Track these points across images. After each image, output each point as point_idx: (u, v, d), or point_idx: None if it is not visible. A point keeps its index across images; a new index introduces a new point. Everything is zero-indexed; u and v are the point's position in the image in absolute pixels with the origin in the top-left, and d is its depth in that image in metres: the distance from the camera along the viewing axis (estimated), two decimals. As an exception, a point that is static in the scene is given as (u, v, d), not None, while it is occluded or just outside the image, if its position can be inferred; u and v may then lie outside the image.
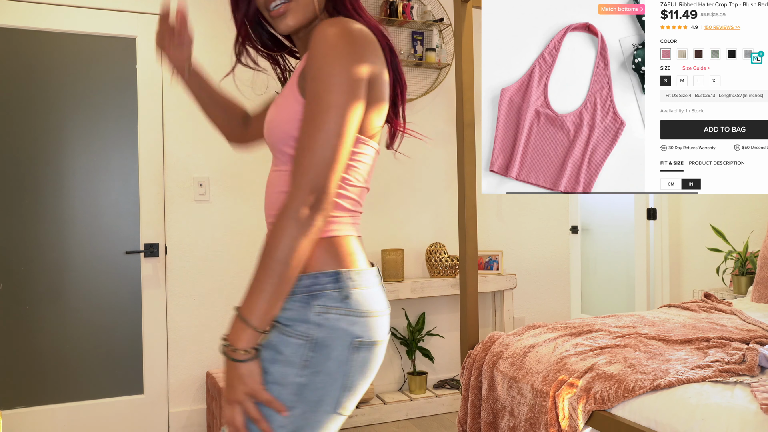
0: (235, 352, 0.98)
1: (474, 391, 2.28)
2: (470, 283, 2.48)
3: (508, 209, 3.98)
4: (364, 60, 1.02)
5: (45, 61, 2.98)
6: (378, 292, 1.11)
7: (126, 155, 3.11)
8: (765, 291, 3.01)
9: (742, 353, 1.87)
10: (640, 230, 4.56)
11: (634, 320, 2.48)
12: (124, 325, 3.10)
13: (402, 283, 3.43)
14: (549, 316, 4.09)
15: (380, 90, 1.09)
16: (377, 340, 1.08)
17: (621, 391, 1.77)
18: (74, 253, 3.02)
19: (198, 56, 3.22)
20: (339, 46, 1.00)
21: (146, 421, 3.13)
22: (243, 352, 0.98)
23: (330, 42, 1.00)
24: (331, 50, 0.99)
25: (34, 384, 2.96)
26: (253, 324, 0.98)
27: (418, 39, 3.70)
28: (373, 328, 1.07)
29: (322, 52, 0.99)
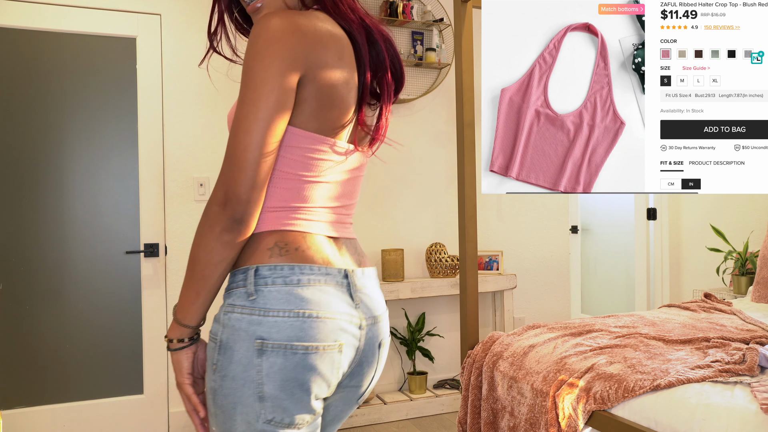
0: (168, 342, 1.04)
1: (474, 391, 2.28)
2: (470, 283, 2.48)
3: (508, 209, 3.98)
4: (295, 57, 0.96)
5: (45, 61, 2.98)
6: (309, 291, 0.98)
7: (126, 155, 3.11)
8: (765, 291, 3.01)
9: (742, 353, 1.87)
10: (640, 230, 4.56)
11: (634, 320, 2.48)
12: (124, 325, 3.10)
13: (402, 283, 3.43)
14: (549, 316, 4.09)
15: (331, 88, 1.01)
16: (291, 345, 0.95)
17: (621, 391, 1.77)
18: (74, 253, 3.02)
19: (200, 57, 3.22)
20: (265, 44, 0.95)
21: (146, 421, 3.13)
22: (168, 342, 1.03)
23: (257, 39, 0.95)
24: (255, 48, 0.95)
25: (34, 384, 2.96)
26: (177, 316, 1.02)
27: (418, 39, 3.71)
28: (285, 330, 0.95)
29: (248, 50, 0.95)
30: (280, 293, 0.97)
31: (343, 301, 1.01)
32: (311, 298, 0.98)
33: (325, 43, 1.00)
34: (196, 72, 3.22)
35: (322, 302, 0.98)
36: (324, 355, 0.98)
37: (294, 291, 0.97)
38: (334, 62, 1.01)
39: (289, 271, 0.98)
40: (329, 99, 1.01)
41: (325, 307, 0.98)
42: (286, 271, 0.98)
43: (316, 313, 0.97)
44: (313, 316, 0.97)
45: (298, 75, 0.97)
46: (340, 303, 1.01)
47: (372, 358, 1.09)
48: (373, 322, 1.07)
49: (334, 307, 0.99)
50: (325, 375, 0.99)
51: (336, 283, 1.01)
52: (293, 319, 0.96)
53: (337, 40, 1.03)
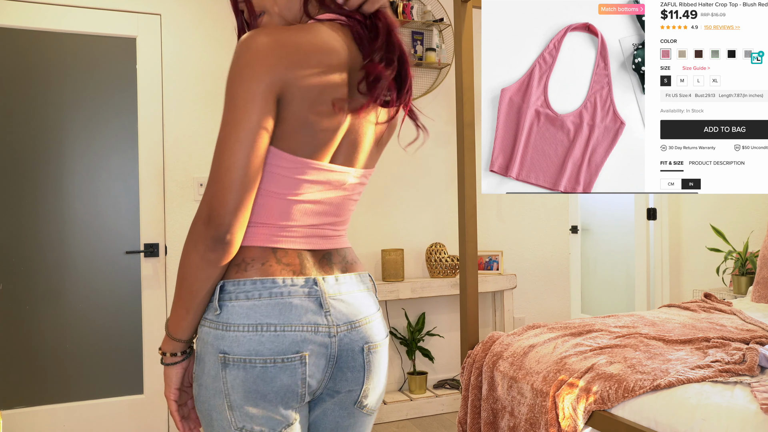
0: (161, 355, 1.08)
1: (474, 391, 2.28)
2: (470, 283, 2.48)
3: (508, 209, 3.98)
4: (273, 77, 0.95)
5: (45, 61, 2.98)
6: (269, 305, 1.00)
7: (126, 155, 3.11)
8: (765, 291, 3.01)
9: (742, 353, 1.87)
10: (640, 230, 4.56)
11: (634, 320, 2.48)
12: (124, 325, 3.10)
13: (402, 283, 3.43)
14: (549, 316, 4.09)
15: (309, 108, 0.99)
16: (249, 359, 0.98)
17: (621, 391, 1.77)
18: (74, 253, 3.02)
19: (200, 57, 3.22)
20: (245, 64, 0.95)
21: (146, 421, 3.13)
22: (162, 355, 1.07)
23: (237, 59, 0.96)
24: (235, 68, 0.95)
25: (34, 384, 2.96)
26: (168, 330, 1.05)
27: (418, 39, 3.71)
28: (244, 344, 0.98)
29: (229, 70, 0.97)
30: (242, 308, 1.00)
31: (309, 311, 1.02)
32: (271, 312, 1.00)
33: (308, 61, 0.98)
34: (196, 72, 3.22)
35: (282, 315, 1.00)
36: (285, 367, 1.00)
37: (255, 305, 1.00)
38: (314, 83, 0.99)
39: (251, 286, 1.01)
40: (304, 121, 1.00)
41: (286, 320, 1.00)
42: (248, 287, 1.01)
43: (275, 326, 0.99)
44: (272, 330, 0.99)
45: (276, 95, 0.97)
46: (306, 313, 1.02)
47: (354, 363, 1.08)
48: (350, 328, 1.07)
49: (296, 319, 1.01)
50: (290, 386, 1.01)
51: (302, 293, 1.03)
52: (252, 333, 0.99)
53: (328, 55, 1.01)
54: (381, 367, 1.14)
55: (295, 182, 1.03)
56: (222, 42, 3.26)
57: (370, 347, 1.10)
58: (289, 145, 1.00)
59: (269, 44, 0.96)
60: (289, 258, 1.04)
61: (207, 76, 3.24)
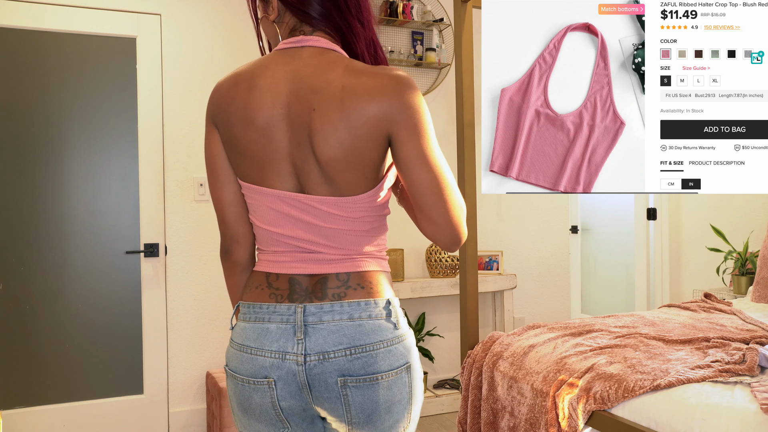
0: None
1: (474, 391, 2.28)
2: (470, 283, 2.48)
3: (508, 209, 3.98)
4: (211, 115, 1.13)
5: (45, 61, 2.98)
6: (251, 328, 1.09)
7: (126, 155, 3.11)
8: (765, 291, 3.01)
9: (742, 353, 1.87)
10: (640, 230, 4.56)
11: (634, 320, 2.48)
12: (124, 325, 3.10)
13: (402, 283, 3.43)
14: (549, 316, 4.09)
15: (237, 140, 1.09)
16: (235, 375, 1.10)
17: (621, 391, 1.77)
18: (74, 253, 3.02)
19: (200, 57, 3.22)
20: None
21: (146, 421, 3.13)
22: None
23: None
24: None
25: (34, 384, 2.96)
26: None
27: (418, 39, 3.71)
28: (233, 360, 1.11)
29: None
30: (238, 328, 1.12)
31: (282, 338, 1.06)
32: (251, 335, 1.09)
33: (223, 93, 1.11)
34: (196, 72, 3.22)
35: (258, 340, 1.08)
36: (256, 388, 1.08)
37: (245, 327, 1.10)
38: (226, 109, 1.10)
39: (245, 308, 1.12)
40: (234, 147, 1.10)
41: (260, 344, 1.07)
42: (244, 309, 1.12)
43: (251, 349, 1.08)
44: (248, 352, 1.08)
45: (214, 127, 1.13)
46: (278, 340, 1.06)
47: (329, 394, 1.05)
48: (322, 359, 1.04)
49: (267, 344, 1.07)
50: (263, 405, 1.09)
51: (281, 320, 1.07)
52: (238, 352, 1.10)
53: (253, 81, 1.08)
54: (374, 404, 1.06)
55: (265, 212, 1.11)
56: (222, 42, 3.26)
57: (347, 380, 1.04)
58: (239, 172, 1.12)
59: (216, 87, 1.14)
60: (279, 282, 1.10)
61: (207, 76, 3.24)
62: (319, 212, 1.08)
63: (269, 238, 1.11)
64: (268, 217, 1.10)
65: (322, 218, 1.08)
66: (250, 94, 1.07)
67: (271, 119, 1.06)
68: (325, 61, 1.07)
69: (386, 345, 1.06)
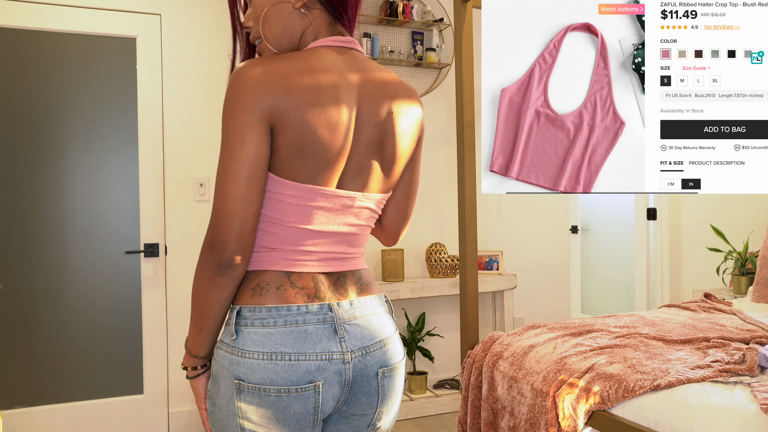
0: (184, 370, 1.14)
1: (474, 391, 2.28)
2: (470, 283, 2.48)
3: (508, 209, 3.98)
4: (262, 108, 0.97)
5: (45, 61, 2.98)
6: (284, 333, 1.00)
7: (126, 155, 3.11)
8: (765, 291, 3.01)
9: (742, 353, 1.87)
10: (640, 230, 4.56)
11: (634, 320, 2.48)
12: (124, 325, 3.10)
13: (402, 283, 3.43)
14: (549, 316, 4.09)
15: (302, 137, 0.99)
16: (264, 387, 0.99)
17: (621, 391, 1.77)
18: (74, 253, 3.02)
19: (200, 57, 3.22)
20: (236, 96, 0.98)
21: (146, 421, 3.13)
22: (184, 369, 1.11)
23: (229, 91, 0.99)
24: (228, 100, 0.99)
25: (34, 384, 2.96)
26: (188, 347, 1.10)
27: (418, 39, 3.71)
28: (259, 372, 0.99)
29: (224, 102, 1.00)
30: (257, 335, 1.00)
31: (324, 338, 1.02)
32: (286, 340, 1.00)
33: (296, 90, 0.98)
34: (196, 72, 3.22)
35: (297, 344, 1.00)
36: (299, 396, 1.00)
37: (270, 333, 1.00)
38: (304, 109, 0.99)
39: (266, 313, 1.01)
40: (300, 147, 1.00)
41: (301, 349, 1.00)
42: (263, 313, 1.01)
43: (290, 355, 1.00)
44: (286, 359, 0.99)
45: (268, 124, 0.98)
46: (321, 341, 1.02)
47: (369, 387, 1.08)
48: (364, 353, 1.06)
49: (310, 347, 1.01)
50: (302, 413, 1.01)
51: (317, 320, 1.03)
52: (267, 361, 0.99)
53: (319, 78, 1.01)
54: (396, 390, 1.14)
55: (301, 209, 1.03)
56: (222, 42, 3.26)
57: (385, 371, 1.09)
58: (289, 173, 1.01)
59: (257, 75, 0.97)
60: (303, 281, 1.05)
61: (207, 76, 3.24)
62: (361, 210, 1.12)
63: (301, 236, 1.04)
64: (313, 216, 1.04)
65: (360, 216, 1.12)
66: (333, 97, 1.01)
67: (344, 118, 1.03)
68: (377, 66, 1.13)
69: (397, 335, 1.16)
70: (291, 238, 1.04)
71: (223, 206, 0.97)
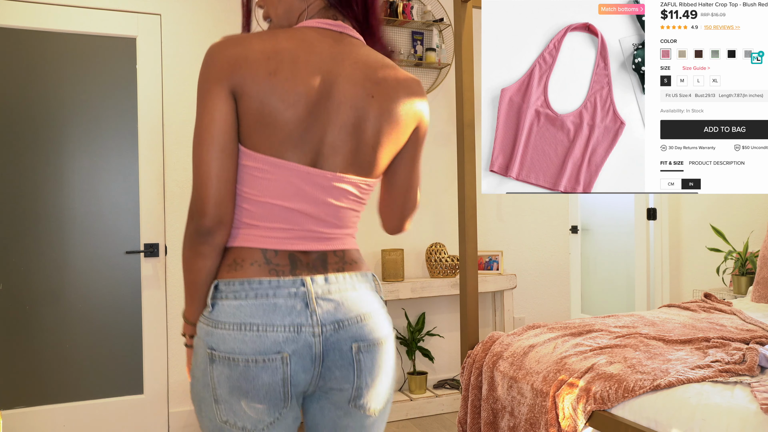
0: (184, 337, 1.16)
1: (474, 391, 2.28)
2: (470, 283, 2.48)
3: (508, 209, 3.98)
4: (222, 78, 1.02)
5: (45, 61, 2.98)
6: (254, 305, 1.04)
7: (126, 155, 3.11)
8: (765, 291, 3.01)
9: (742, 353, 1.87)
10: (640, 230, 4.56)
11: (634, 320, 2.48)
12: (124, 325, 3.10)
13: (402, 283, 3.43)
14: (549, 316, 4.09)
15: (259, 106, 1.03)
16: (233, 356, 1.03)
17: (621, 391, 1.77)
18: (74, 253, 3.02)
19: (200, 57, 3.22)
20: (204, 69, 1.05)
21: (146, 421, 3.13)
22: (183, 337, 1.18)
23: (202, 66, 1.06)
24: (200, 74, 1.06)
25: (34, 384, 2.96)
26: (185, 315, 1.13)
27: (418, 39, 3.71)
28: (229, 342, 1.03)
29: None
30: (230, 307, 1.05)
31: (294, 311, 1.05)
32: (255, 312, 1.04)
33: (255, 59, 1.03)
34: (196, 72, 3.22)
35: (266, 315, 1.04)
36: (266, 366, 1.03)
37: (241, 306, 1.04)
38: (262, 78, 1.03)
39: (239, 286, 1.05)
40: (259, 117, 1.04)
41: (269, 320, 1.04)
42: (236, 287, 1.05)
43: (257, 326, 1.03)
44: (254, 330, 1.03)
45: (230, 91, 1.03)
46: (290, 314, 1.05)
47: (342, 362, 1.09)
48: (337, 327, 1.08)
49: (279, 319, 1.04)
50: (271, 384, 1.04)
51: (287, 294, 1.06)
52: (236, 332, 1.03)
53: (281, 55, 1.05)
54: (379, 368, 1.13)
55: (272, 184, 1.07)
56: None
57: (361, 346, 1.10)
58: (253, 143, 1.05)
59: (222, 46, 1.04)
60: (278, 259, 1.08)
61: (207, 76, 3.24)
62: (340, 191, 1.12)
63: (273, 213, 1.07)
64: (282, 192, 1.07)
65: (339, 197, 1.12)
66: (294, 69, 1.04)
67: (316, 98, 1.06)
68: (370, 52, 1.14)
69: (381, 312, 1.16)
70: (266, 215, 1.08)
71: (197, 172, 1.03)
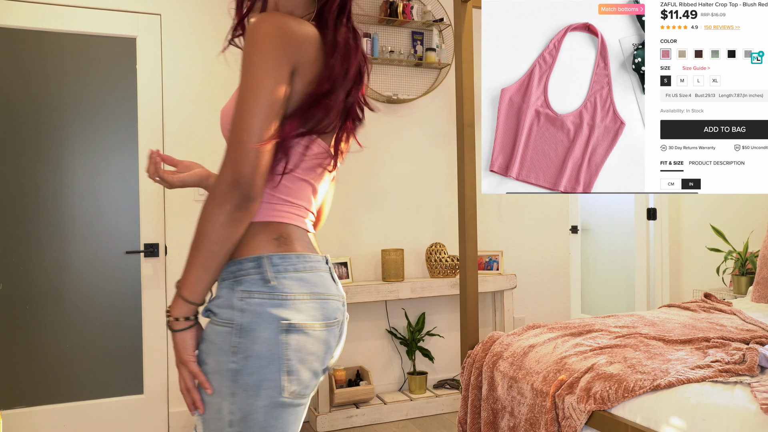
0: (171, 322, 1.07)
1: (474, 391, 2.28)
2: (470, 283, 2.48)
3: (508, 209, 3.98)
4: (287, 51, 1.04)
5: (45, 61, 2.98)
6: (313, 276, 1.11)
7: (126, 155, 3.11)
8: (765, 291, 3.01)
9: (742, 353, 1.87)
10: (640, 230, 4.56)
11: (634, 320, 2.48)
12: (124, 325, 3.10)
13: (402, 283, 3.43)
14: (549, 316, 4.09)
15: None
16: (309, 323, 1.07)
17: (621, 391, 1.77)
18: (74, 253, 3.02)
19: (200, 57, 3.22)
20: (262, 36, 1.03)
21: (146, 421, 3.13)
22: (176, 321, 1.07)
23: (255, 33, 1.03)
24: (254, 41, 1.03)
25: (34, 384, 2.96)
26: (183, 294, 1.06)
27: (418, 39, 3.70)
28: (303, 311, 1.07)
29: (247, 43, 1.04)
30: (293, 279, 1.08)
31: (332, 284, 1.16)
32: (318, 281, 1.11)
33: (313, 45, 1.09)
34: (196, 72, 3.22)
35: (324, 285, 1.13)
36: (331, 330, 1.12)
37: (304, 277, 1.10)
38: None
39: (296, 259, 1.10)
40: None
41: (327, 290, 1.13)
42: (294, 260, 1.10)
43: (321, 295, 1.11)
44: (322, 298, 1.11)
45: (290, 68, 1.06)
46: (332, 285, 1.16)
47: (344, 330, 1.22)
48: (345, 302, 1.21)
49: (331, 289, 1.14)
50: (332, 347, 1.14)
51: (324, 269, 1.16)
52: (309, 301, 1.09)
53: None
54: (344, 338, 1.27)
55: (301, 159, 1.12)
56: (222, 42, 3.26)
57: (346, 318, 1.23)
58: (298, 120, 1.09)
59: (285, 23, 1.05)
60: (307, 237, 1.17)
61: (207, 76, 3.24)
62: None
63: (304, 192, 1.16)
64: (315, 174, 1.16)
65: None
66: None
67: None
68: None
69: None
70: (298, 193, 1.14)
71: (247, 137, 1.01)
